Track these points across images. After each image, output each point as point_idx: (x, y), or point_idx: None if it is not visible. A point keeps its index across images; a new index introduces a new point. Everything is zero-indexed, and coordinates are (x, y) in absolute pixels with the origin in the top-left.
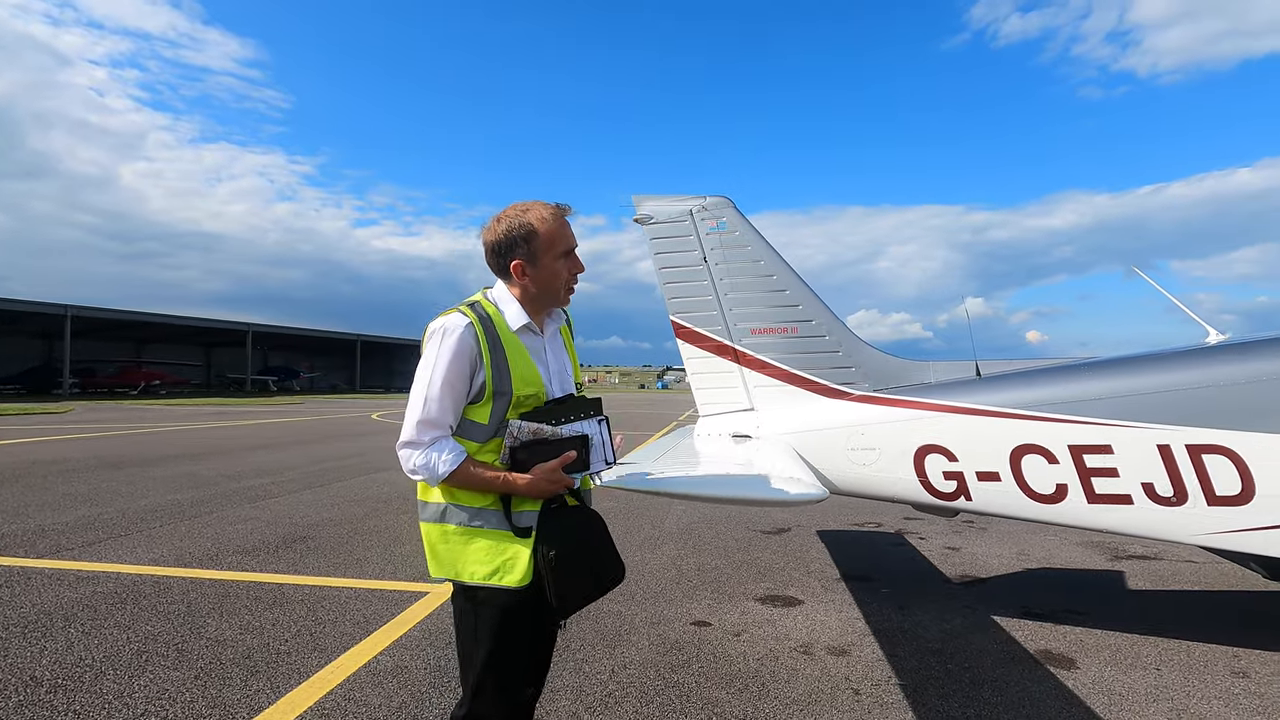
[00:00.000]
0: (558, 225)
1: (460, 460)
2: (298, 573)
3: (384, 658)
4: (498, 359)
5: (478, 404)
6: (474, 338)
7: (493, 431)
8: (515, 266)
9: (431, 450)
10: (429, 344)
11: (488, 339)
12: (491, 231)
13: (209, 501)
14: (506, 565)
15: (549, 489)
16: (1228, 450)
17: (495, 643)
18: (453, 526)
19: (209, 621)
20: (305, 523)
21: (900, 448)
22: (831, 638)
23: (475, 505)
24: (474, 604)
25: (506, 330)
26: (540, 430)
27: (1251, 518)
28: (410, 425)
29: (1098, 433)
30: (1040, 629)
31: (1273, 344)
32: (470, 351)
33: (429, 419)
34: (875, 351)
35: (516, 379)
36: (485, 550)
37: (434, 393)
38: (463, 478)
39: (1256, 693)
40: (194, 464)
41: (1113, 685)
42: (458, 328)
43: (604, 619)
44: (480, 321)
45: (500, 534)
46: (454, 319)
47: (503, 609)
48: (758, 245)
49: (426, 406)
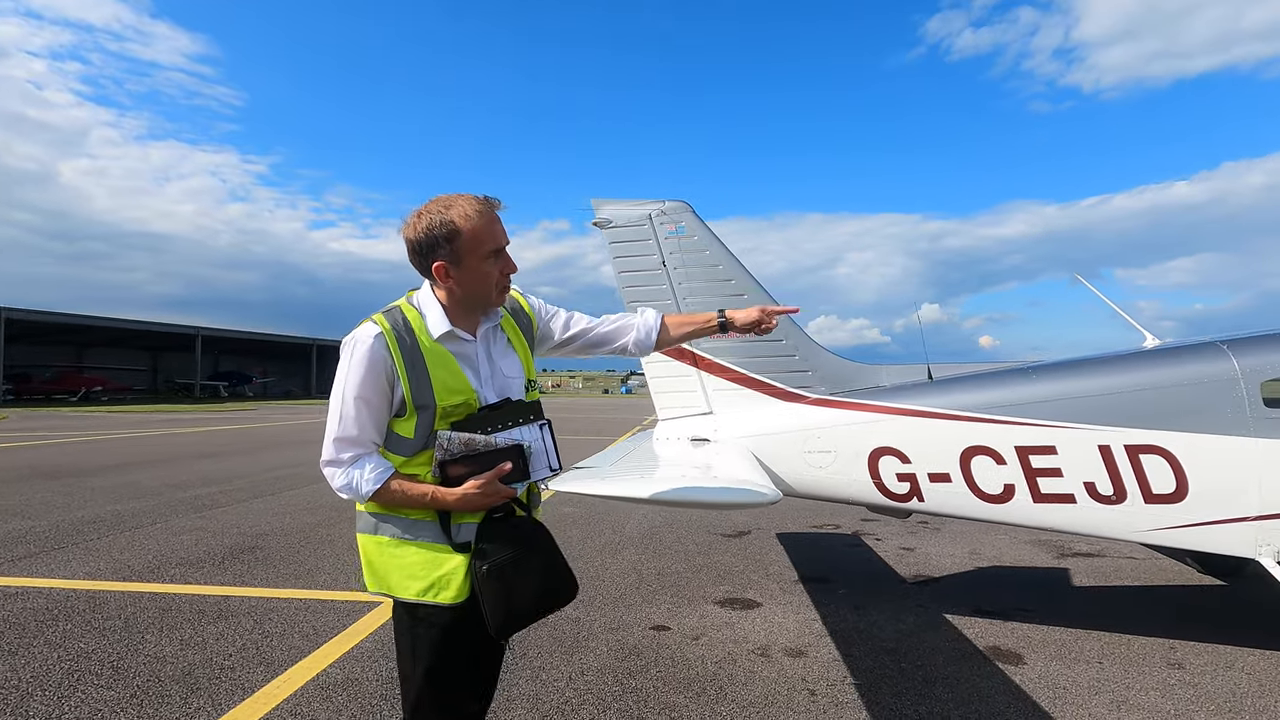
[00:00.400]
0: (484, 223)
1: (385, 477)
2: (245, 584)
3: (334, 670)
4: (416, 370)
5: (401, 418)
6: (385, 349)
7: (420, 444)
8: (438, 269)
9: (353, 469)
10: (342, 357)
11: (402, 350)
12: (411, 229)
13: (151, 512)
14: (442, 581)
15: (483, 503)
16: (1163, 450)
17: (433, 660)
18: (387, 539)
19: (147, 637)
20: (254, 532)
21: (855, 450)
22: (789, 639)
23: (411, 517)
24: (412, 620)
25: (426, 338)
26: (472, 441)
27: (1185, 515)
28: (327, 444)
29: (1043, 434)
30: (990, 626)
31: (1202, 348)
32: (382, 364)
33: (345, 437)
34: (830, 355)
35: (439, 389)
36: (421, 565)
37: (348, 410)
38: (389, 496)
39: (1191, 683)
40: (136, 473)
41: (1058, 679)
42: (367, 339)
43: (562, 625)
44: (394, 331)
45: (437, 548)
46: (364, 330)
47: (442, 626)
48: (716, 250)
49: (342, 424)
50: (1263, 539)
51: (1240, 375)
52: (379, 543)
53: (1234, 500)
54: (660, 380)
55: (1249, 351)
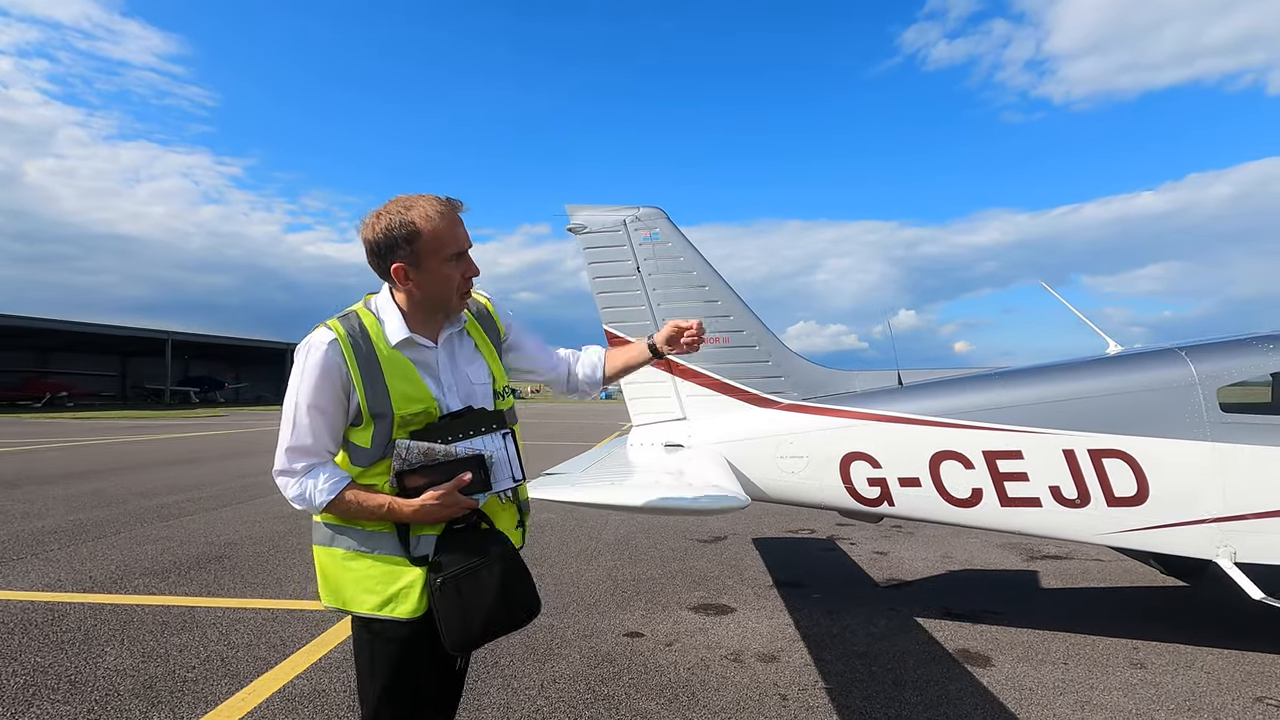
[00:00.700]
0: (446, 224)
1: (339, 488)
2: (211, 594)
3: (301, 681)
4: (371, 377)
5: (357, 427)
6: (339, 355)
7: (378, 454)
8: (396, 270)
9: (306, 479)
10: (295, 363)
11: (357, 356)
12: (370, 229)
13: (115, 521)
14: (399, 595)
15: (442, 514)
16: (1125, 454)
17: (391, 677)
18: (342, 552)
19: (108, 650)
20: (222, 541)
21: (827, 455)
22: (762, 644)
23: (368, 529)
24: (369, 635)
25: (384, 345)
26: (431, 451)
27: (1147, 517)
28: (279, 453)
29: (1009, 439)
30: (960, 629)
31: (1161, 355)
32: (336, 371)
33: (298, 446)
34: (803, 361)
35: (397, 398)
36: (378, 578)
37: (300, 418)
38: (344, 507)
39: (1153, 682)
40: (101, 480)
41: (1024, 680)
42: (320, 345)
43: (535, 633)
44: (349, 337)
45: (394, 561)
46: (318, 336)
47: (399, 641)
48: (690, 256)
49: (295, 433)
50: (1220, 541)
51: (1198, 381)
52: (334, 555)
53: (1193, 503)
54: (635, 386)
55: (1206, 358)
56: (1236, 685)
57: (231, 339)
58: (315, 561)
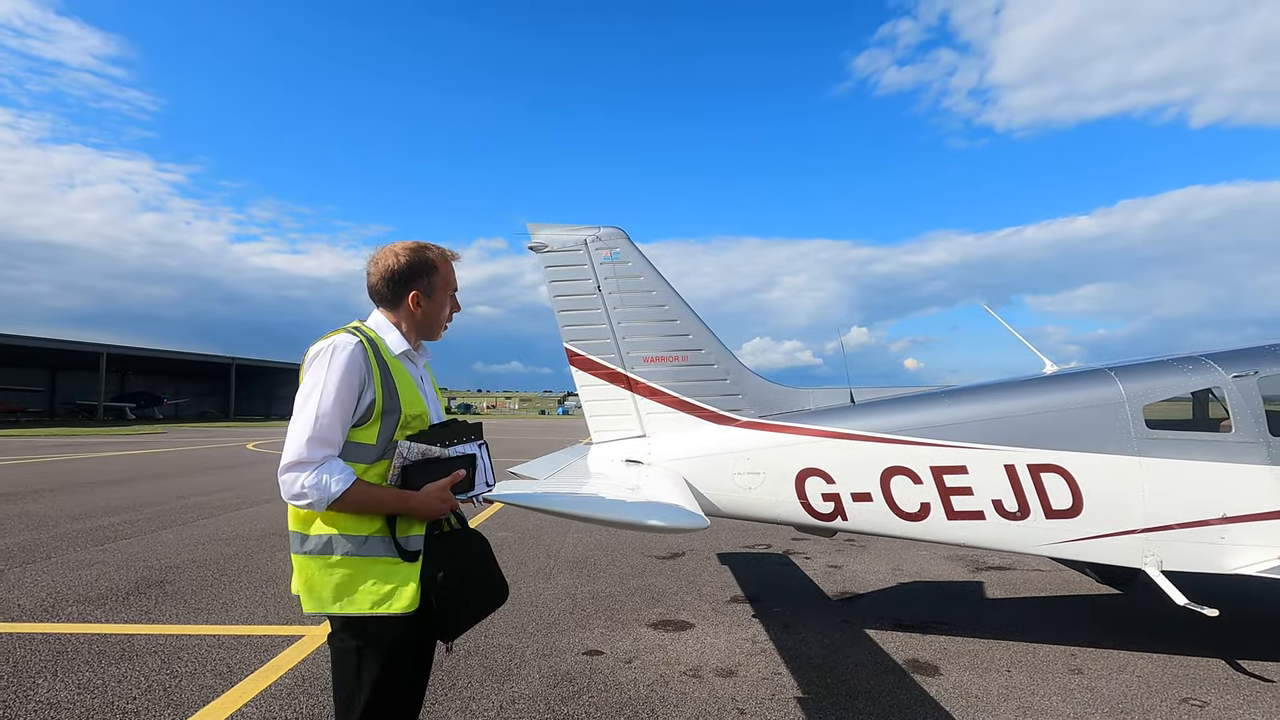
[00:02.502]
0: (450, 267)
1: (353, 479)
2: (151, 621)
3: (250, 710)
4: (386, 378)
5: (364, 425)
6: (364, 356)
7: (379, 453)
8: (413, 296)
9: (322, 470)
10: (317, 361)
11: (377, 359)
12: (389, 262)
13: (46, 545)
14: (395, 592)
15: (439, 508)
16: (1061, 469)
17: (381, 676)
18: (336, 558)
19: (40, 682)
20: (162, 565)
21: (783, 471)
22: (720, 659)
23: (362, 533)
24: (359, 639)
25: (389, 353)
26: (429, 451)
27: (1082, 528)
28: (299, 444)
29: (955, 454)
30: (910, 639)
31: (1093, 374)
32: (361, 369)
33: (320, 436)
34: (759, 379)
35: (404, 399)
36: (373, 578)
37: (325, 408)
38: (355, 498)
39: (1089, 687)
40: (29, 502)
41: (970, 688)
42: (349, 345)
43: (493, 653)
44: (370, 343)
45: (388, 560)
46: (344, 337)
47: (389, 641)
48: (650, 276)
49: (318, 423)
50: (1148, 550)
51: (1125, 399)
52: (327, 563)
53: (1122, 515)
54: (595, 404)
55: (1133, 377)
56: (1165, 687)
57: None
58: (298, 573)
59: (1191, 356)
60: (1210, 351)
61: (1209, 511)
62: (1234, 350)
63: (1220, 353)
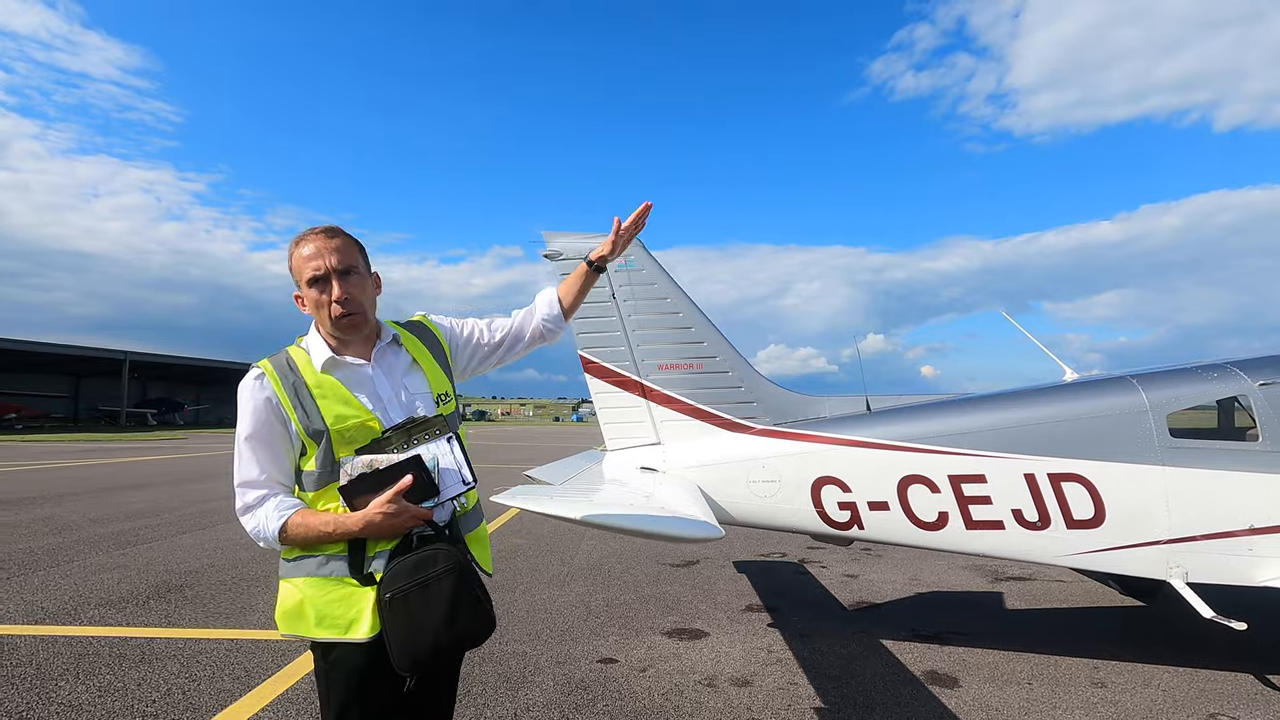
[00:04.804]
0: (298, 254)
1: (288, 513)
2: (171, 625)
3: (266, 714)
4: (302, 400)
5: (305, 454)
6: (267, 387)
7: (325, 475)
8: (296, 299)
9: (258, 512)
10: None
11: (284, 385)
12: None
13: (69, 549)
14: (356, 617)
15: (391, 524)
16: (1082, 478)
17: (345, 707)
18: (303, 579)
19: (62, 684)
20: (182, 570)
21: (798, 480)
22: (735, 668)
23: (326, 553)
24: (326, 663)
25: (311, 372)
26: (374, 462)
27: (1104, 539)
28: (236, 491)
29: (973, 463)
30: (929, 650)
31: (1115, 382)
32: (265, 402)
33: (246, 480)
34: (774, 387)
35: (329, 415)
36: (333, 602)
37: (244, 451)
38: (295, 531)
39: (1113, 701)
40: (53, 507)
41: (989, 700)
42: (249, 383)
43: (507, 660)
44: (276, 369)
45: (348, 583)
46: (247, 375)
47: (355, 668)
48: (665, 283)
49: (242, 467)
50: (1173, 561)
51: (1149, 407)
52: (294, 584)
53: (1146, 525)
54: (609, 411)
55: (1156, 385)
56: (1191, 702)
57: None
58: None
59: (1216, 364)
60: (1236, 359)
61: (1236, 522)
62: (1260, 357)
63: (1246, 360)
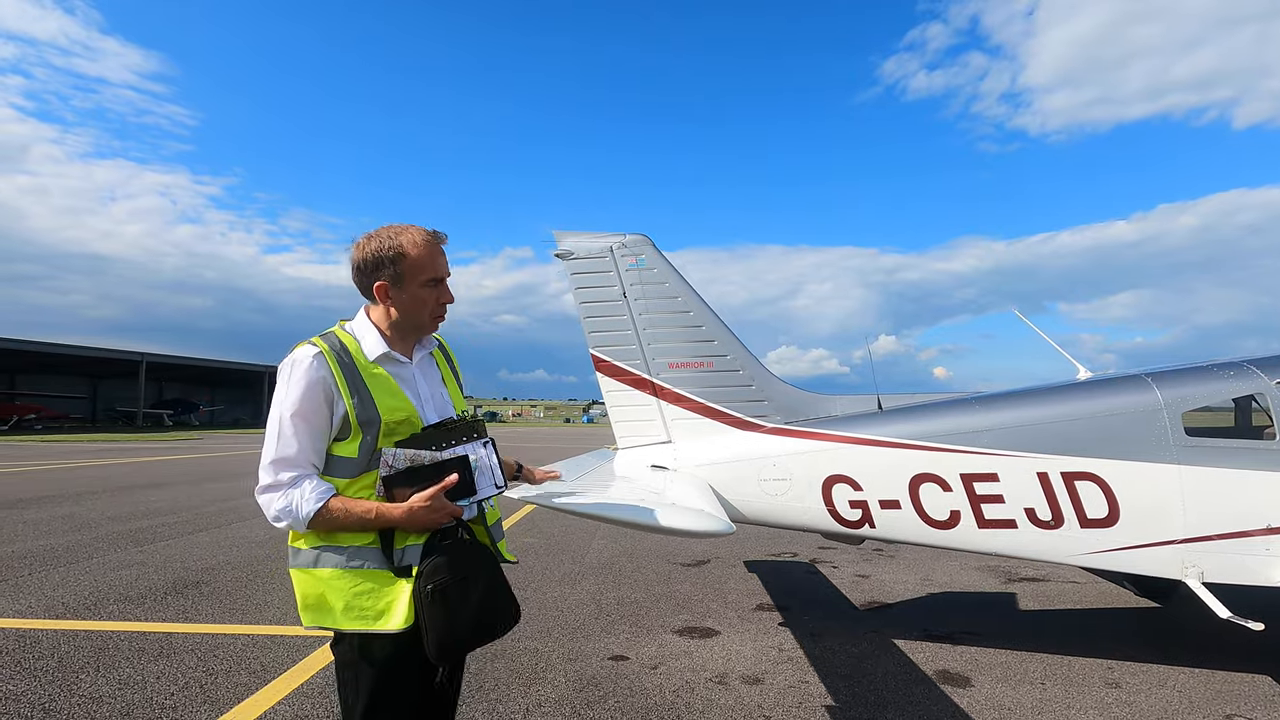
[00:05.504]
0: (428, 251)
1: (326, 498)
2: (188, 620)
3: (282, 707)
4: (357, 387)
5: (343, 440)
6: (325, 368)
7: (364, 465)
8: (379, 288)
9: (292, 490)
10: (279, 380)
11: (342, 368)
12: (360, 249)
13: (88, 545)
14: (387, 608)
15: (430, 518)
16: (1096, 477)
17: (376, 696)
18: (328, 571)
19: (83, 677)
20: (199, 567)
21: (809, 478)
22: (746, 667)
23: (354, 545)
24: (355, 653)
25: (364, 359)
26: (417, 457)
27: (1118, 538)
28: (264, 468)
29: (986, 462)
30: (940, 650)
31: (1129, 380)
32: (321, 383)
33: (284, 457)
34: (785, 385)
35: (382, 406)
36: (364, 593)
37: (286, 429)
38: (330, 518)
39: (1127, 702)
40: (73, 505)
41: (1003, 700)
42: (305, 359)
43: (519, 656)
44: (332, 351)
45: (380, 575)
46: (301, 351)
47: (385, 657)
48: (675, 282)
49: (280, 444)
50: (1189, 561)
51: (1163, 406)
52: (318, 576)
53: (1161, 524)
54: (620, 409)
55: (1171, 384)
56: (1207, 703)
57: (207, 361)
58: (295, 586)
59: (1233, 362)
60: (1253, 357)
61: (1253, 522)
62: (1278, 356)
63: (1264, 358)
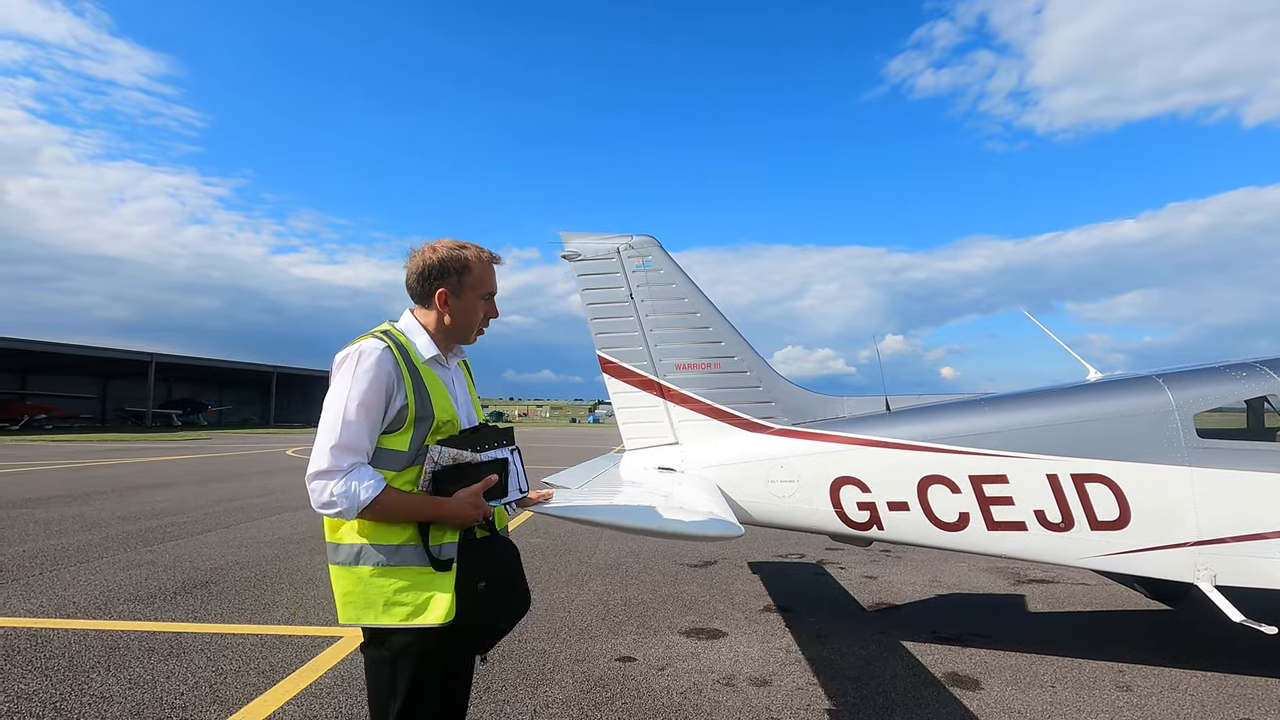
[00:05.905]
0: (487, 268)
1: (382, 486)
2: (198, 620)
3: (291, 707)
4: (418, 384)
5: (397, 431)
6: (392, 362)
7: (411, 459)
8: (440, 295)
9: (351, 477)
10: (344, 367)
11: (406, 364)
12: (424, 257)
13: (98, 545)
14: (429, 602)
15: (473, 514)
16: (1106, 479)
17: (412, 693)
18: (369, 569)
19: (93, 677)
20: (208, 566)
21: (817, 479)
22: (754, 668)
23: (394, 543)
24: (391, 650)
25: (418, 358)
26: (460, 456)
27: (1129, 541)
28: (324, 452)
29: (995, 463)
30: (949, 652)
31: (1139, 381)
32: (389, 375)
33: (347, 443)
34: (793, 386)
35: (436, 404)
36: (405, 589)
37: (350, 416)
38: (385, 505)
39: (1139, 705)
40: (83, 505)
41: (1012, 703)
42: (375, 350)
43: (527, 658)
44: (396, 347)
45: (420, 571)
46: (370, 343)
47: (421, 653)
48: (682, 283)
49: (344, 431)
50: (1200, 564)
51: (1175, 407)
52: (360, 574)
53: (1173, 527)
54: (627, 410)
55: (1182, 385)
56: (1220, 707)
57: (215, 361)
58: (334, 583)
59: (1245, 363)
60: (1265, 358)
61: (1266, 524)
62: None
63: (1276, 359)
